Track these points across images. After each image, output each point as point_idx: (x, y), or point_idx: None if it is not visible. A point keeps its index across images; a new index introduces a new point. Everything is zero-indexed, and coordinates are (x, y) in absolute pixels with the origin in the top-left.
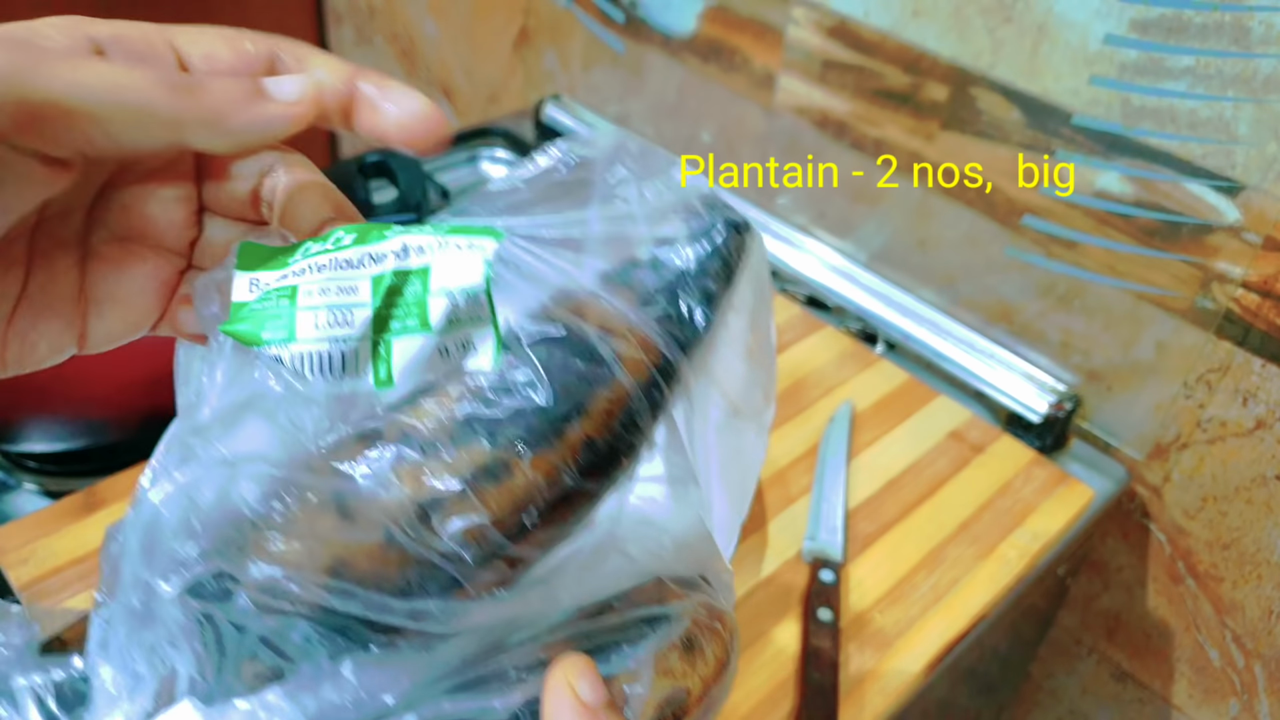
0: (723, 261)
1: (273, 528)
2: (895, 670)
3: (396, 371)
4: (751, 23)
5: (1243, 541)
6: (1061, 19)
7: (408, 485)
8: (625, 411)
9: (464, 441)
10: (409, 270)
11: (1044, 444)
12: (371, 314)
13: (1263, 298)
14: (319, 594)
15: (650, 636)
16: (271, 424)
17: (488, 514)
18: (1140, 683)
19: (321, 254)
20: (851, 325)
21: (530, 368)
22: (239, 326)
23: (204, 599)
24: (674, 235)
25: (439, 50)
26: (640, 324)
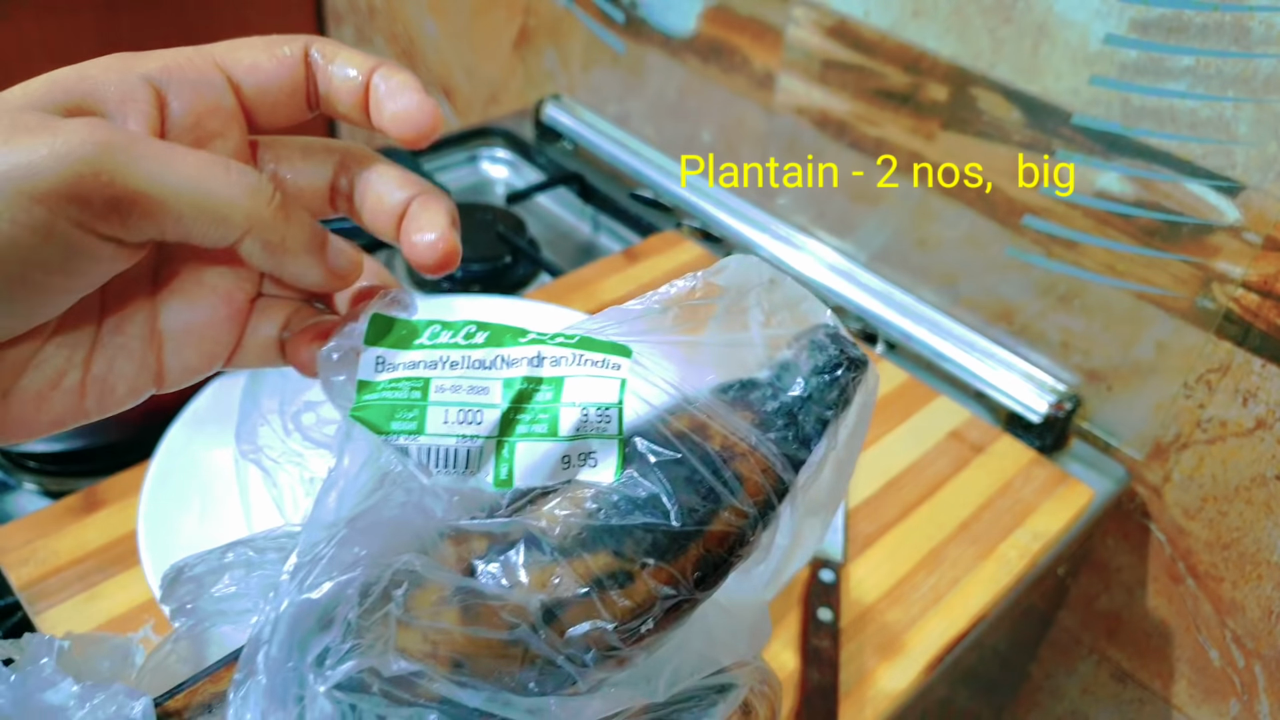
0: (840, 392)
1: (410, 623)
2: (895, 670)
3: (517, 473)
4: (751, 23)
5: (1243, 541)
6: (1061, 19)
7: (536, 586)
8: (741, 533)
9: (592, 549)
10: (541, 378)
11: (1044, 444)
12: (500, 415)
13: (1263, 298)
14: (450, 689)
15: (719, 704)
16: (407, 516)
17: (612, 619)
18: (1140, 683)
19: (453, 347)
20: (851, 325)
21: (661, 488)
22: (367, 414)
23: (349, 691)
24: (795, 362)
25: (439, 50)
26: (760, 446)
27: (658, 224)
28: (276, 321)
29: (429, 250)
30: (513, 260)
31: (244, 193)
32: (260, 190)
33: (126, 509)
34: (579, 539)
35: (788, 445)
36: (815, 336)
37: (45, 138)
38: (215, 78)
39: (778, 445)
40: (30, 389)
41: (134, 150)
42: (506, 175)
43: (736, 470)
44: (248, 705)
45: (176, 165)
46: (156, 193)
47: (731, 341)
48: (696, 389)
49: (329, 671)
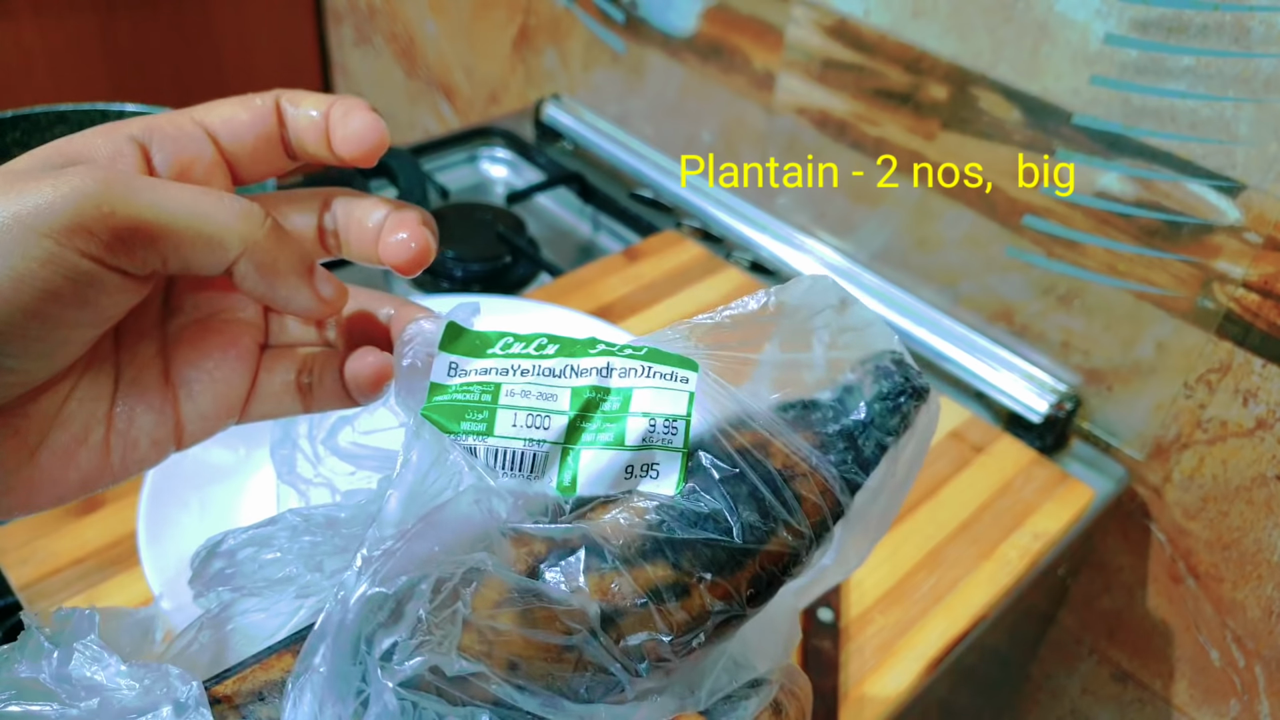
0: (902, 419)
1: (473, 622)
2: (895, 670)
3: (581, 480)
4: (751, 22)
5: (1243, 542)
6: (1062, 18)
7: (595, 593)
8: (795, 553)
9: (652, 560)
10: (609, 388)
11: (1044, 444)
12: (567, 422)
13: (1263, 297)
14: (506, 690)
15: (753, 699)
16: (475, 514)
17: (667, 631)
18: (1141, 683)
19: (524, 357)
20: None
21: (723, 503)
22: (437, 413)
23: (412, 688)
24: (859, 385)
25: (439, 50)
26: (820, 468)
27: (658, 224)
28: (291, 368)
29: (400, 248)
30: (513, 260)
31: (237, 216)
32: (252, 214)
33: (126, 509)
34: (639, 549)
35: (847, 468)
36: (880, 362)
37: (49, 182)
38: (195, 131)
39: (837, 468)
40: (58, 445)
41: (132, 184)
42: (506, 175)
43: (796, 490)
44: (304, 697)
45: (173, 194)
46: (156, 220)
47: (794, 362)
48: (759, 405)
49: (397, 667)
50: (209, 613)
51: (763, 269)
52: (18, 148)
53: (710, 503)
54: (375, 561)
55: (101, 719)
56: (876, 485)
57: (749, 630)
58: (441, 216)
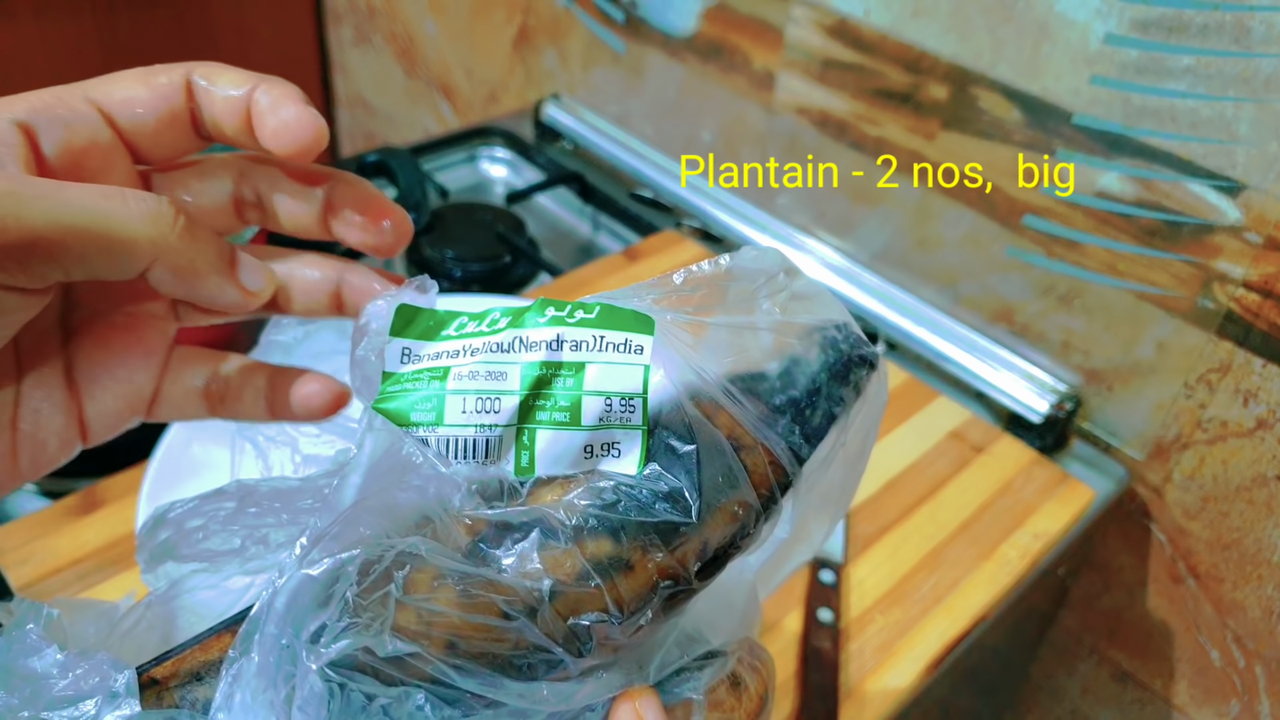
0: (849, 389)
1: (407, 603)
2: (896, 671)
3: (539, 461)
4: (751, 22)
5: (1243, 542)
6: (1062, 18)
7: (540, 573)
8: (743, 525)
9: (598, 538)
10: (560, 362)
11: (1045, 444)
12: (518, 402)
13: (1264, 297)
14: (443, 669)
15: (706, 670)
16: (420, 500)
17: (612, 608)
18: (1141, 683)
19: (477, 335)
20: None
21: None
22: (389, 405)
23: (341, 668)
24: (806, 357)
25: (439, 49)
26: (767, 439)
27: (658, 224)
28: (201, 374)
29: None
30: (512, 260)
31: (145, 219)
32: (162, 215)
33: (125, 509)
34: (588, 528)
35: (794, 439)
36: (827, 332)
37: None
38: (88, 113)
39: (785, 439)
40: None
41: (22, 193)
42: (506, 175)
43: (744, 462)
44: (239, 684)
45: (70, 201)
46: (54, 233)
47: (745, 328)
48: (712, 373)
49: (323, 649)
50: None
51: None
52: None
53: (670, 481)
54: (311, 547)
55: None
56: (827, 455)
57: (701, 605)
58: (441, 216)
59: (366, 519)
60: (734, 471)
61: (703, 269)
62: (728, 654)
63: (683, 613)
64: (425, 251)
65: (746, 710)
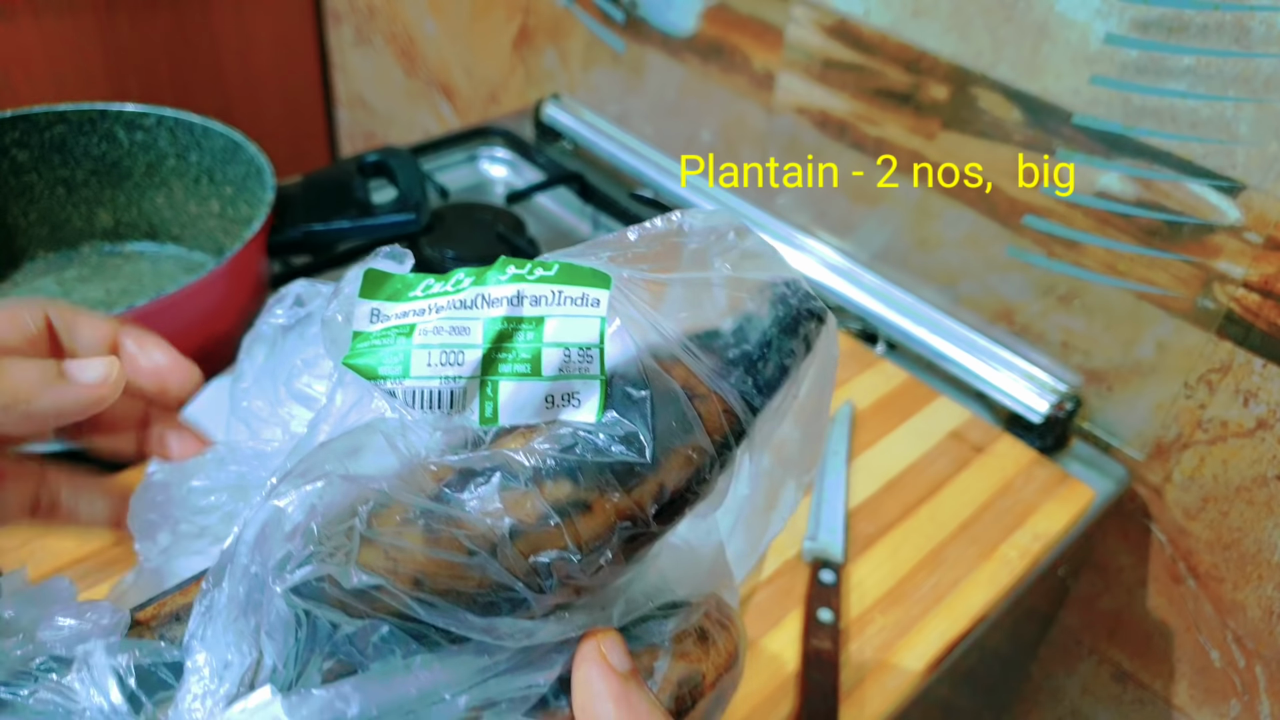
0: (800, 341)
1: (374, 540)
2: (896, 671)
3: (502, 411)
4: (751, 22)
5: (1244, 542)
6: (1062, 18)
7: (502, 513)
8: (698, 469)
9: (557, 479)
10: (521, 317)
11: (1045, 444)
12: (481, 355)
13: (1264, 297)
14: (407, 604)
15: (672, 619)
16: (390, 447)
17: (570, 547)
18: (1141, 683)
19: (441, 294)
20: (852, 325)
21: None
22: (358, 361)
23: (307, 598)
24: (757, 313)
25: (439, 49)
26: (720, 389)
27: None
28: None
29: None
30: None
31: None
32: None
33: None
34: (546, 471)
35: (747, 389)
36: (777, 289)
37: None
38: None
39: (737, 389)
40: None
41: None
42: (506, 175)
43: (698, 409)
44: (211, 614)
45: None
46: None
47: (697, 282)
48: (669, 329)
49: (288, 575)
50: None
51: None
52: (17, 148)
53: (626, 427)
54: (279, 484)
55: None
56: (780, 406)
57: (668, 560)
58: (441, 216)
59: (332, 458)
60: (688, 418)
61: (656, 225)
62: (694, 606)
63: (645, 559)
64: (425, 251)
65: (714, 664)
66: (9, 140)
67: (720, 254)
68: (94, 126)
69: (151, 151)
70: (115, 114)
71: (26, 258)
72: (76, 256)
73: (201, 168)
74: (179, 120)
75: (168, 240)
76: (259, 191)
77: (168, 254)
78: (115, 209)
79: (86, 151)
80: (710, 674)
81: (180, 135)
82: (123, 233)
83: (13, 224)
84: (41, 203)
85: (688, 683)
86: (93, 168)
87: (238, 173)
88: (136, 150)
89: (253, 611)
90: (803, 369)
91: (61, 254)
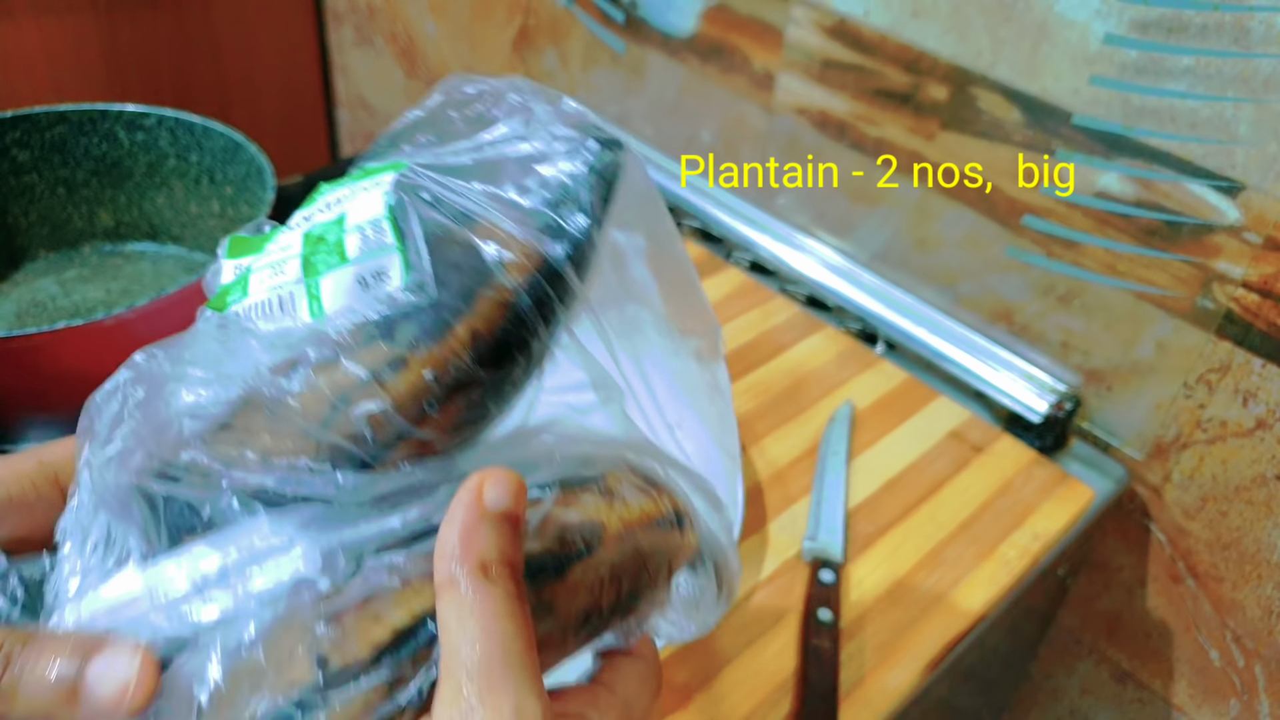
0: (597, 175)
1: (220, 425)
2: (895, 670)
3: (326, 305)
4: (751, 22)
5: (1243, 541)
6: (1061, 19)
7: (322, 384)
8: (510, 308)
9: (367, 343)
10: (328, 220)
11: (1044, 444)
12: (301, 262)
13: (1263, 297)
14: (251, 478)
15: (550, 485)
16: (231, 351)
17: (388, 400)
18: (1140, 683)
19: (278, 233)
20: (851, 325)
21: (422, 273)
22: (213, 302)
23: (163, 479)
24: (551, 154)
25: (439, 50)
26: (523, 235)
27: None
28: None
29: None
30: None
31: None
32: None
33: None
34: (355, 337)
35: (551, 232)
36: (569, 132)
37: None
38: None
39: (542, 232)
40: None
41: None
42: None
43: (499, 255)
44: (71, 513)
45: None
46: None
47: (485, 145)
48: (461, 188)
49: (108, 448)
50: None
51: (762, 269)
52: (18, 148)
53: (419, 279)
54: (138, 379)
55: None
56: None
57: (565, 425)
58: None
59: (185, 366)
60: (489, 264)
61: (428, 105)
62: (593, 475)
63: (490, 416)
64: None
65: (621, 518)
66: (10, 140)
67: (506, 115)
68: (94, 127)
69: (152, 151)
70: (116, 114)
71: (27, 258)
72: (77, 256)
73: (202, 168)
74: (179, 120)
75: (168, 240)
76: (259, 192)
77: (168, 254)
78: (116, 209)
79: (87, 152)
80: (615, 526)
81: (181, 135)
82: (123, 233)
83: (13, 224)
84: (42, 203)
85: (582, 529)
86: (93, 168)
87: (238, 173)
88: (137, 150)
89: (113, 499)
90: (611, 201)
91: (62, 254)
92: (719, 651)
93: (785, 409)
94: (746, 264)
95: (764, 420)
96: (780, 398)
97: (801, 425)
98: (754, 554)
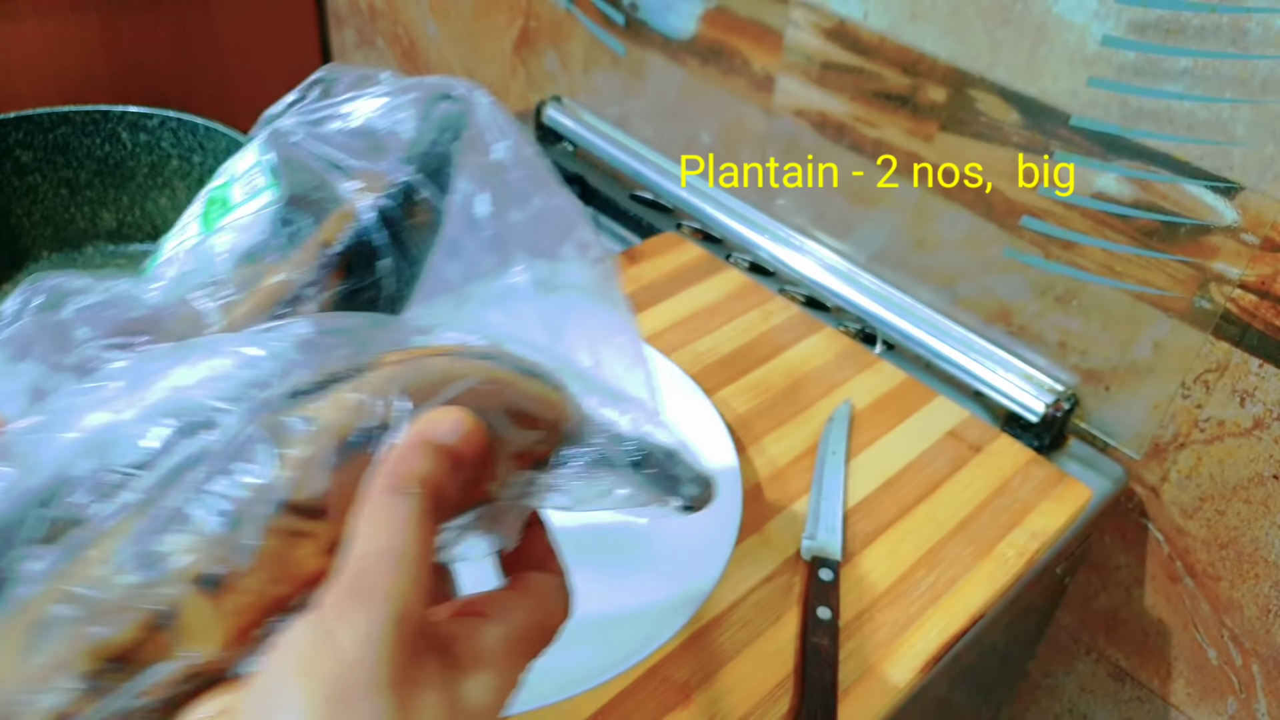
0: (443, 119)
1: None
2: (894, 669)
3: (216, 248)
4: (751, 24)
5: (1240, 541)
6: (1060, 20)
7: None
8: (356, 222)
9: (249, 261)
10: (220, 183)
11: (1042, 443)
12: (200, 220)
13: (1260, 298)
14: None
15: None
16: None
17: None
18: (1138, 681)
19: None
20: (850, 326)
21: (285, 202)
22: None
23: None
24: (403, 108)
25: (440, 51)
26: (372, 167)
27: (658, 225)
28: None
29: None
30: None
31: None
32: None
33: None
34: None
35: (400, 159)
36: (418, 93)
37: None
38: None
39: (391, 164)
40: None
41: None
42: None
43: (349, 184)
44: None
45: None
46: None
47: (355, 105)
48: (326, 135)
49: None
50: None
51: (762, 270)
52: (21, 148)
53: (271, 195)
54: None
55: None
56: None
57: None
58: None
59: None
60: (336, 191)
61: (301, 88)
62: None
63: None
64: None
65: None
66: (13, 141)
67: (371, 88)
68: (97, 128)
69: (154, 152)
70: (118, 115)
71: (30, 258)
72: (80, 257)
73: (204, 169)
74: (182, 121)
75: None
76: None
77: None
78: (118, 210)
79: (90, 152)
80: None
81: (183, 136)
82: (126, 233)
83: (16, 225)
84: (45, 203)
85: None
86: (96, 169)
87: None
88: (140, 151)
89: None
90: (459, 142)
91: (65, 254)
92: (719, 649)
93: (784, 409)
94: (746, 265)
95: (763, 420)
96: (779, 398)
97: (800, 425)
98: (753, 552)
